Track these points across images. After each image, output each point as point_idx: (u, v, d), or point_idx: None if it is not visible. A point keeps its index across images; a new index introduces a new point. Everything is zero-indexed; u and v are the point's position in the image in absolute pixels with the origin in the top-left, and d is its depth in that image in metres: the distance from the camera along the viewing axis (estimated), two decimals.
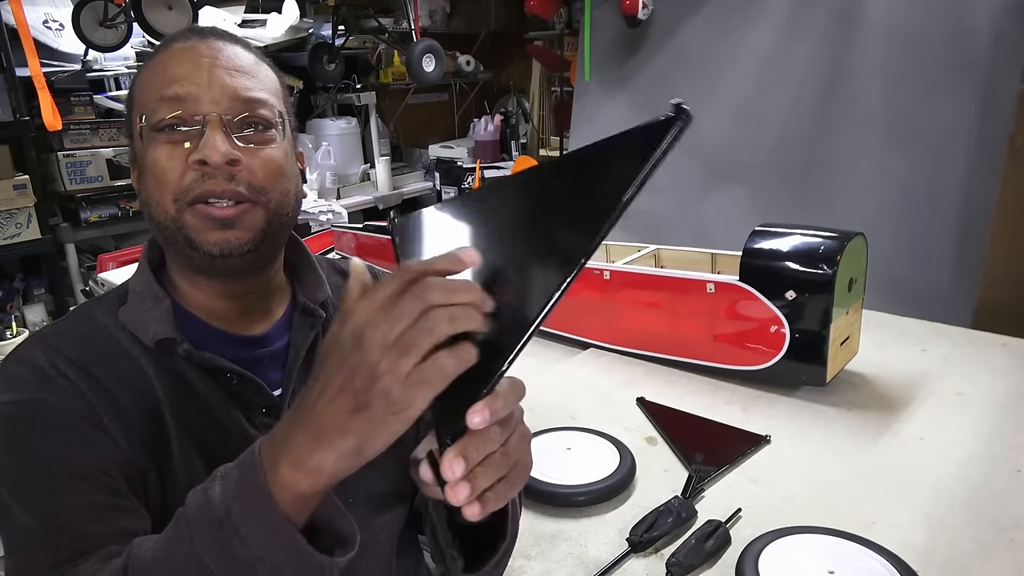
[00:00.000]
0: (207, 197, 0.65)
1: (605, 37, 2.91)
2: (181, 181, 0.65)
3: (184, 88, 0.66)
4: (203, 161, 0.65)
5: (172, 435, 0.66)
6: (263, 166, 0.68)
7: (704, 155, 2.66)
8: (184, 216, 0.66)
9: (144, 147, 0.67)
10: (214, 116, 0.66)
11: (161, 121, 0.66)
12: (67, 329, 0.69)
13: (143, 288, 0.71)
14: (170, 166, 0.65)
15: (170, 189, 0.66)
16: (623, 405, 1.26)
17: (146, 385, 0.67)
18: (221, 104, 0.66)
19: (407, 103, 4.51)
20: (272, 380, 0.73)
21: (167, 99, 0.66)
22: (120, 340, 0.68)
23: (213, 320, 0.73)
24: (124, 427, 0.64)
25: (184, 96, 0.66)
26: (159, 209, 0.67)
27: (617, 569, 0.86)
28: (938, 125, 2.13)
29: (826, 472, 1.04)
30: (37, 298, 3.12)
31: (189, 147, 0.65)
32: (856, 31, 2.27)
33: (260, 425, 0.71)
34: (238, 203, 0.66)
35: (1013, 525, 0.89)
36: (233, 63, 0.69)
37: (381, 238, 1.87)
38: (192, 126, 0.66)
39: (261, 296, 0.75)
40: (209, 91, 0.66)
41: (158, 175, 0.66)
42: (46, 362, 0.64)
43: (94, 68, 3.12)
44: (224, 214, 0.66)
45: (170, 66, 0.67)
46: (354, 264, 0.52)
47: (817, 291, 1.16)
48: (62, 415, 0.62)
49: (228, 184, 0.66)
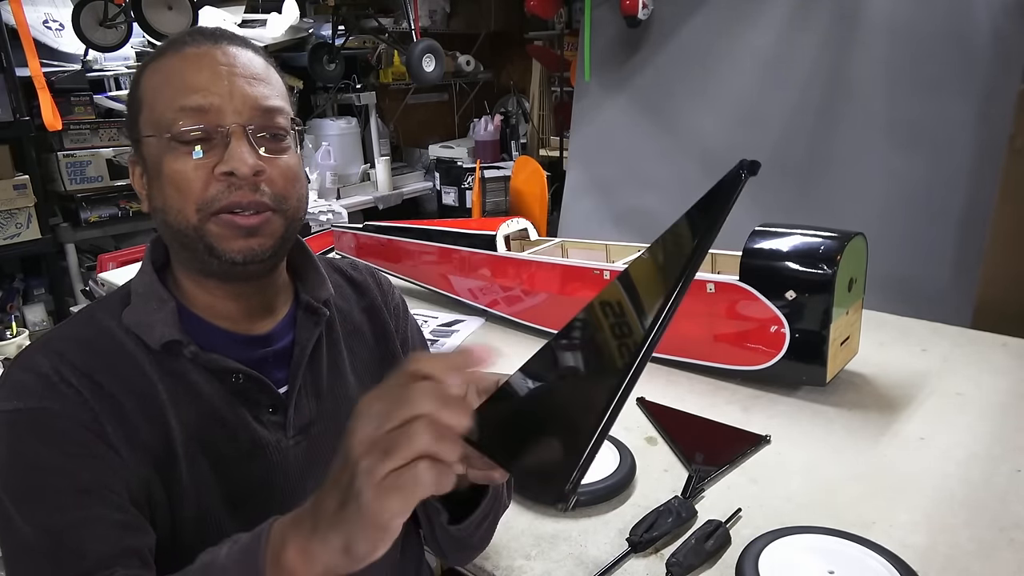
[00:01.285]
0: (234, 208, 0.66)
1: (605, 37, 2.91)
2: (206, 192, 0.66)
3: (207, 99, 0.65)
4: (231, 172, 0.65)
5: (177, 438, 0.66)
6: (282, 174, 0.69)
7: (704, 155, 2.66)
8: (207, 225, 0.66)
9: (159, 154, 0.67)
10: (237, 127, 0.66)
11: (184, 132, 0.65)
12: (70, 333, 0.69)
13: (146, 289, 0.71)
14: (195, 176, 0.65)
15: (193, 199, 0.66)
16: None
17: (150, 389, 0.67)
18: (243, 114, 0.67)
19: (407, 103, 4.51)
20: (277, 378, 0.74)
21: (189, 110, 0.65)
22: (124, 343, 0.68)
23: (218, 320, 0.73)
24: (128, 435, 0.64)
25: (207, 107, 0.65)
26: (179, 218, 0.66)
27: (617, 569, 0.86)
28: (938, 125, 2.13)
29: (826, 472, 1.04)
30: (37, 298, 3.12)
31: (212, 158, 0.66)
32: (856, 31, 2.28)
33: (267, 423, 0.72)
34: (260, 212, 0.67)
35: (1013, 525, 0.89)
36: (250, 71, 0.69)
37: (381, 238, 1.88)
38: (215, 136, 0.66)
39: (266, 295, 0.75)
40: (231, 101, 0.66)
41: (181, 185, 0.66)
42: (50, 368, 0.64)
43: (94, 68, 3.12)
44: (249, 223, 0.67)
45: (187, 74, 0.67)
46: (415, 357, 0.48)
47: (817, 291, 1.16)
48: (65, 425, 0.62)
49: (254, 195, 0.66)
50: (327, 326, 0.80)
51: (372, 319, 0.86)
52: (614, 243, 1.62)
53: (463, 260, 1.68)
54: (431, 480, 0.43)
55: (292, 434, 0.73)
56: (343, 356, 0.80)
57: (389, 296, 0.91)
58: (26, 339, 2.39)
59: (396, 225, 1.86)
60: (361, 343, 0.84)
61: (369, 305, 0.87)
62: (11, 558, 0.60)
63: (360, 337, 0.84)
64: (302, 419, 0.74)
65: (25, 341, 2.38)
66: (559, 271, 1.51)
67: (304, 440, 0.74)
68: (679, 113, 2.74)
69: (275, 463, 0.72)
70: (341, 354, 0.80)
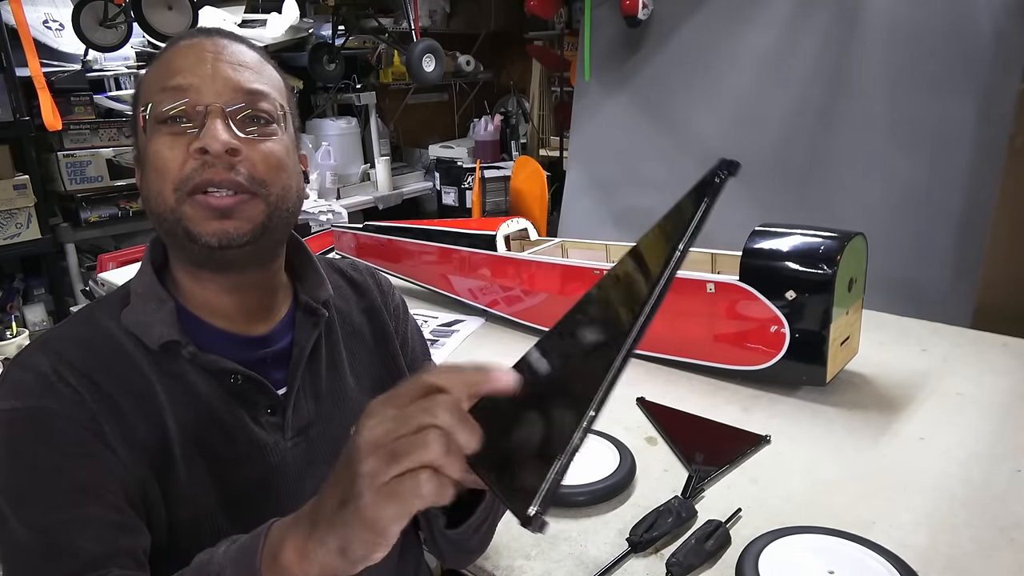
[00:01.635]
0: (206, 186, 0.65)
1: (605, 37, 2.91)
2: (182, 171, 0.65)
3: (187, 79, 0.66)
4: (204, 149, 0.65)
5: (175, 439, 0.66)
6: (263, 159, 0.68)
7: (704, 155, 2.66)
8: (183, 207, 0.66)
9: (147, 140, 0.67)
10: (216, 106, 0.66)
11: (164, 112, 0.66)
12: (69, 332, 0.69)
13: (145, 289, 0.71)
14: (171, 156, 0.65)
15: (171, 179, 0.65)
16: (623, 405, 1.26)
17: (148, 389, 0.67)
18: (223, 96, 0.66)
19: (407, 103, 4.51)
20: (276, 379, 0.74)
21: (169, 89, 0.66)
22: (122, 343, 0.68)
23: (216, 320, 0.73)
24: (125, 435, 0.64)
25: (187, 87, 0.66)
26: (159, 201, 0.66)
27: (617, 569, 0.86)
28: (938, 125, 2.13)
29: (826, 472, 1.04)
30: (37, 298, 3.12)
31: (190, 138, 0.65)
32: (856, 30, 2.27)
33: (265, 424, 0.72)
34: (237, 193, 0.66)
35: (1013, 525, 0.89)
36: (237, 58, 0.69)
37: (381, 238, 1.88)
38: (194, 117, 0.66)
39: (264, 294, 0.75)
40: (212, 83, 0.66)
41: (159, 166, 0.66)
42: (49, 367, 0.64)
43: (94, 68, 3.12)
44: (222, 203, 0.65)
45: (174, 60, 0.68)
46: (434, 364, 0.49)
47: (817, 291, 1.16)
48: (63, 424, 0.62)
49: (227, 173, 0.65)
50: (326, 327, 0.79)
51: (372, 320, 0.86)
52: (614, 243, 1.62)
53: (463, 260, 1.68)
54: (431, 491, 0.43)
55: (290, 435, 0.73)
56: (342, 357, 0.80)
57: (389, 297, 0.90)
58: (26, 339, 2.39)
59: (396, 225, 1.86)
60: (360, 344, 0.84)
61: (369, 306, 0.87)
62: (7, 557, 0.60)
63: (359, 338, 0.84)
64: (300, 420, 0.74)
65: (25, 341, 2.38)
66: (559, 271, 1.51)
67: (303, 441, 0.74)
68: (679, 113, 2.74)
69: (273, 465, 0.72)
70: (340, 355, 0.80)
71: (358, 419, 0.46)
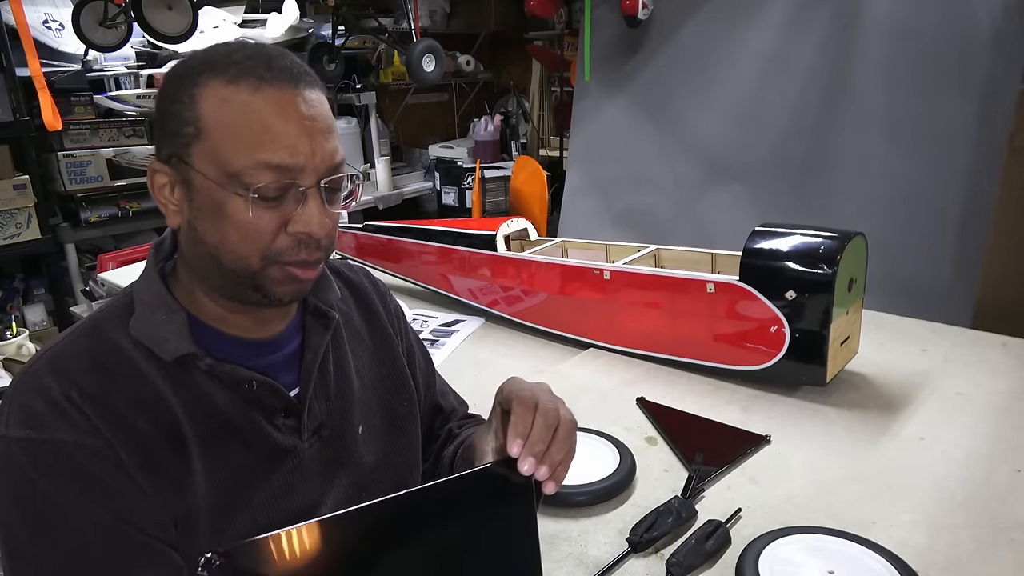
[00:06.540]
0: (300, 265, 0.67)
1: (605, 37, 2.91)
2: (273, 244, 0.65)
3: (294, 159, 0.64)
4: (306, 234, 0.66)
5: (194, 452, 0.65)
6: (335, 226, 0.70)
7: (704, 155, 2.66)
8: (268, 271, 0.66)
9: (223, 195, 0.64)
10: (314, 189, 0.66)
11: (264, 188, 0.63)
12: (76, 348, 0.66)
13: (152, 299, 0.69)
14: (267, 229, 0.65)
15: (260, 248, 0.65)
16: (623, 405, 1.26)
17: (163, 404, 0.65)
18: (320, 172, 0.66)
19: (407, 103, 4.51)
20: (287, 382, 0.74)
21: (274, 167, 0.63)
22: (132, 356, 0.66)
23: (228, 328, 0.72)
24: (144, 458, 0.63)
25: (292, 167, 0.64)
26: (239, 261, 0.66)
27: (617, 569, 0.86)
28: (938, 124, 2.13)
29: (826, 472, 1.04)
30: (37, 298, 3.12)
31: (286, 211, 0.65)
32: (856, 30, 2.27)
33: (282, 428, 0.72)
34: (317, 264, 0.69)
35: (1013, 525, 0.89)
36: (326, 122, 0.67)
37: (381, 238, 1.88)
38: (289, 191, 0.65)
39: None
40: (313, 160, 0.65)
41: (248, 233, 0.64)
42: (60, 393, 0.62)
43: (94, 68, 3.12)
44: (308, 276, 0.69)
45: (270, 122, 0.63)
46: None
47: (817, 291, 1.16)
48: (81, 459, 0.60)
49: (318, 253, 0.68)
50: (333, 329, 0.80)
51: (371, 323, 0.86)
52: (614, 243, 1.62)
53: (463, 260, 1.68)
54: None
55: (306, 437, 0.73)
56: (348, 358, 0.81)
57: (388, 299, 0.91)
58: (26, 339, 2.38)
59: (396, 225, 1.86)
60: (361, 345, 0.84)
61: (367, 309, 0.87)
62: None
63: (360, 339, 0.84)
64: (314, 422, 0.74)
65: (25, 341, 2.37)
66: (559, 271, 1.51)
67: (317, 442, 0.74)
68: (679, 113, 2.74)
69: (293, 467, 0.72)
70: (346, 356, 0.80)
71: (360, 418, 0.46)
